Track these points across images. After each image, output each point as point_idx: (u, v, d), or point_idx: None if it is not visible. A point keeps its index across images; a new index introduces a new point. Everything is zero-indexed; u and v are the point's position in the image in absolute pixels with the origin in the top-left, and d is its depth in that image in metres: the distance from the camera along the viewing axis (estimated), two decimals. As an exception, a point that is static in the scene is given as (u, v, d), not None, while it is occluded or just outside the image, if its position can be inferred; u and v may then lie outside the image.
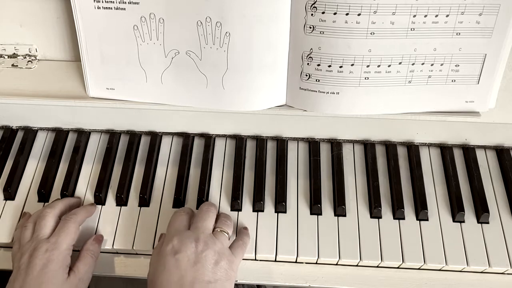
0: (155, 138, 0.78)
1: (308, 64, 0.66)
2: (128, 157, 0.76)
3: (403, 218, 0.71)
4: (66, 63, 0.75)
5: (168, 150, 0.78)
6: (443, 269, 0.68)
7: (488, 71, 0.66)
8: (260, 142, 0.77)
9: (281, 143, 0.77)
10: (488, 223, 0.71)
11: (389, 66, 0.65)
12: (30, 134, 0.78)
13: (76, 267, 0.63)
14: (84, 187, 0.74)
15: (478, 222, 0.71)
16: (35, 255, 0.61)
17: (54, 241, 0.62)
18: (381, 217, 0.71)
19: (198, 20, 0.63)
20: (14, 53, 0.75)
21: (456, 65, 0.66)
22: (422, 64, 0.65)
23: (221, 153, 0.77)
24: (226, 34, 0.64)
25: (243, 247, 0.65)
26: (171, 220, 0.65)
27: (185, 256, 0.58)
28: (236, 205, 0.71)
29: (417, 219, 0.71)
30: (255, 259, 0.69)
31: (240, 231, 0.68)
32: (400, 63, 0.65)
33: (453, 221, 0.71)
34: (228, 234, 0.64)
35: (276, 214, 0.71)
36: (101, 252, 0.69)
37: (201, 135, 0.78)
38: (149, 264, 0.62)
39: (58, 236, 0.63)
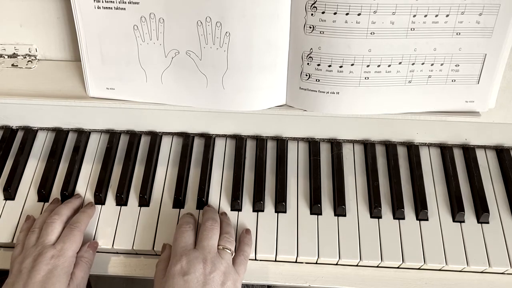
0: (155, 138, 0.78)
1: (308, 64, 0.66)
2: (128, 157, 0.76)
3: (403, 218, 0.71)
4: (66, 63, 0.75)
5: (168, 150, 0.78)
6: (443, 269, 0.68)
7: (488, 71, 0.66)
8: (260, 142, 0.77)
9: (281, 143, 0.77)
10: (488, 223, 0.71)
11: (389, 66, 0.65)
12: (30, 134, 0.78)
13: (73, 273, 0.63)
14: (84, 187, 0.74)
15: (478, 222, 0.71)
16: (40, 260, 0.61)
17: (60, 248, 0.63)
18: (381, 217, 0.71)
19: (198, 20, 0.63)
20: (14, 53, 0.75)
21: (456, 65, 0.66)
22: (422, 64, 0.65)
23: (221, 153, 0.77)
24: (226, 34, 0.64)
25: (245, 262, 0.66)
26: (177, 237, 0.65)
27: (194, 278, 0.59)
28: (236, 205, 0.71)
29: (417, 219, 0.71)
30: (255, 259, 0.69)
31: (241, 240, 0.68)
32: (400, 63, 0.65)
33: (453, 221, 0.71)
34: (231, 250, 0.65)
35: (276, 214, 0.71)
36: (101, 252, 0.69)
37: (201, 135, 0.78)
38: (154, 280, 0.63)
39: (64, 243, 0.64)
